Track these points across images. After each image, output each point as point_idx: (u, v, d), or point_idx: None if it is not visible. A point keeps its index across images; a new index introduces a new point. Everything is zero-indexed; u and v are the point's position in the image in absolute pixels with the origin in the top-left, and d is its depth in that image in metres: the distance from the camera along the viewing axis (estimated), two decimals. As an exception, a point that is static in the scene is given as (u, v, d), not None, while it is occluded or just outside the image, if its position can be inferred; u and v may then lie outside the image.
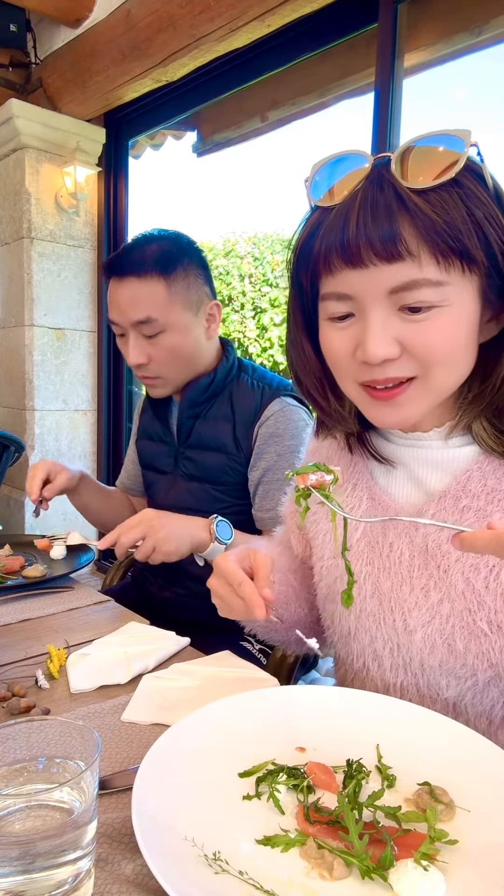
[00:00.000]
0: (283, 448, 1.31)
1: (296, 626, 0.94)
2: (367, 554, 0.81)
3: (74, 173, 3.07)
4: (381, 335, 0.67)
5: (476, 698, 0.74)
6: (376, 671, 0.81)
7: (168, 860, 0.49)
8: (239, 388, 1.39)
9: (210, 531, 1.17)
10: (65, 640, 1.00)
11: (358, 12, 2.12)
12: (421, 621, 0.75)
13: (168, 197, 12.71)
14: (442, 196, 0.62)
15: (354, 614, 0.82)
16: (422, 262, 0.63)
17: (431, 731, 0.68)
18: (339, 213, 0.66)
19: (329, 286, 0.69)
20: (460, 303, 0.66)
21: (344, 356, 0.72)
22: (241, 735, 0.68)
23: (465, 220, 0.62)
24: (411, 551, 0.77)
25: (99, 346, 3.41)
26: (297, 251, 0.72)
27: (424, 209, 0.62)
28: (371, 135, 2.13)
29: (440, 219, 0.62)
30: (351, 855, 0.52)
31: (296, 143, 11.82)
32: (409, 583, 0.77)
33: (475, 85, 4.80)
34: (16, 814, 0.50)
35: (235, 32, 2.26)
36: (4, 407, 3.39)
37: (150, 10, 2.41)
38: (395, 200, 0.63)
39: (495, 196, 0.65)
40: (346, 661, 0.86)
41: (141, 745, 0.72)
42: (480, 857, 0.53)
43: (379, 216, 0.63)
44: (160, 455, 1.51)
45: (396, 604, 0.77)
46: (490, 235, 0.64)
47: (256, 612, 0.72)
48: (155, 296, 1.28)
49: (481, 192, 0.64)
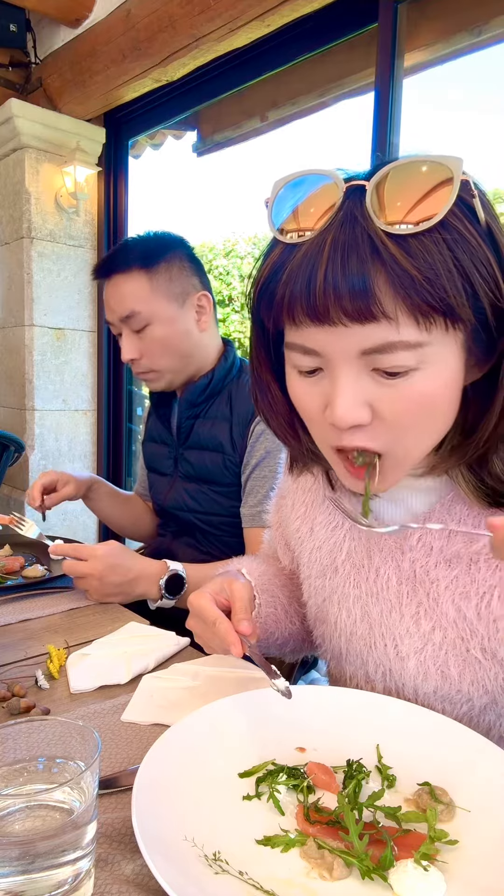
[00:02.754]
0: (271, 445, 1.30)
1: (289, 641, 0.93)
2: (353, 577, 0.79)
3: (74, 173, 3.07)
4: (350, 399, 0.59)
5: (472, 722, 0.73)
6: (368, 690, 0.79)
7: (168, 860, 0.49)
8: (238, 389, 1.39)
9: (159, 587, 1.17)
10: (65, 640, 1.00)
11: (358, 12, 2.12)
12: (413, 648, 0.73)
13: (168, 197, 12.71)
14: (424, 243, 0.53)
15: (345, 637, 0.80)
16: (399, 324, 0.55)
17: (431, 731, 0.68)
18: (305, 256, 0.57)
19: (294, 337, 0.61)
20: (443, 361, 0.58)
21: (314, 413, 0.64)
22: (241, 735, 0.68)
23: (450, 271, 0.53)
24: (398, 577, 0.74)
25: (99, 346, 3.41)
26: (258, 290, 0.63)
27: (403, 263, 0.53)
28: (371, 135, 2.13)
29: (420, 274, 0.53)
30: (351, 855, 0.52)
31: (296, 143, 11.82)
32: (399, 610, 0.74)
33: (475, 85, 4.80)
34: (16, 814, 0.50)
35: (235, 32, 2.26)
36: (4, 407, 3.39)
37: (149, 10, 2.41)
38: (369, 248, 0.54)
39: (487, 234, 0.56)
40: (340, 681, 0.85)
41: (141, 745, 0.72)
42: (480, 857, 0.53)
43: (350, 267, 0.54)
44: (161, 456, 1.51)
45: (387, 629, 0.75)
46: (477, 286, 0.55)
47: (232, 650, 0.68)
48: (138, 290, 1.31)
49: (471, 233, 0.55)
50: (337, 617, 0.80)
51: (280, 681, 0.66)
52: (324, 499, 0.83)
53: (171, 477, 1.47)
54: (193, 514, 1.42)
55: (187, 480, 1.42)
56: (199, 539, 1.43)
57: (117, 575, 1.13)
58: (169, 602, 1.18)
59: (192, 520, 1.42)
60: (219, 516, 1.39)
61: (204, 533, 1.42)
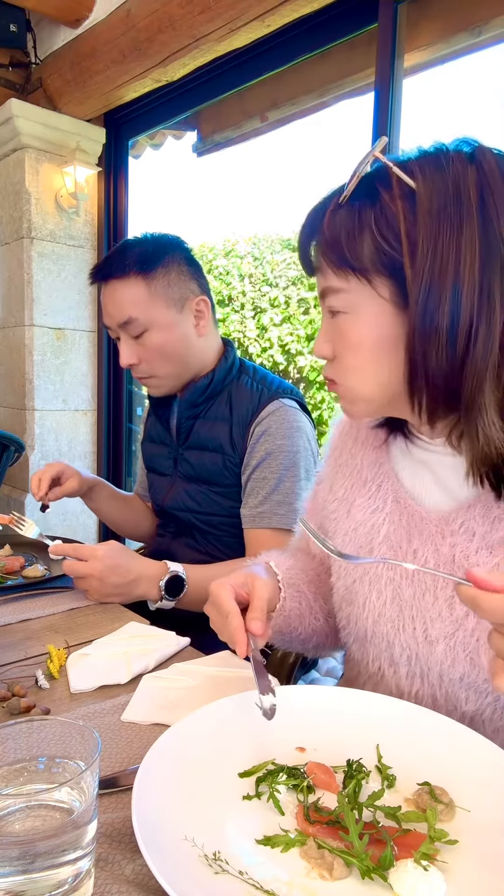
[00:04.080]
0: (272, 446, 1.30)
1: (312, 637, 0.93)
2: (388, 557, 0.79)
3: (74, 173, 3.07)
4: (321, 336, 0.77)
5: (496, 714, 0.72)
6: (391, 677, 0.80)
7: (168, 860, 0.49)
8: (238, 389, 1.39)
9: (159, 588, 1.17)
10: (65, 640, 1.00)
11: (358, 12, 2.12)
12: (444, 633, 0.73)
13: (168, 197, 12.71)
14: (341, 213, 0.70)
15: (372, 618, 0.80)
16: (326, 274, 0.73)
17: (431, 730, 0.68)
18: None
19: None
20: (367, 309, 0.71)
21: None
22: (241, 735, 0.68)
23: (350, 233, 0.69)
24: (436, 560, 0.75)
25: (99, 346, 3.41)
26: None
27: (325, 229, 0.72)
28: (371, 135, 2.13)
29: (331, 236, 0.71)
30: (351, 855, 0.52)
31: (296, 143, 11.81)
32: (434, 592, 0.75)
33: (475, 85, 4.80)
34: (16, 814, 0.50)
35: (235, 32, 2.26)
36: (4, 407, 3.39)
37: (150, 11, 2.41)
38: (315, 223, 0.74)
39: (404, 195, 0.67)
40: (361, 664, 0.85)
41: (141, 745, 0.72)
42: (480, 857, 0.53)
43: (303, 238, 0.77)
44: (161, 457, 1.51)
45: (418, 612, 0.76)
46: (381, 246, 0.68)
47: (238, 648, 0.70)
48: (135, 296, 1.29)
49: (384, 194, 0.68)
50: (366, 598, 0.81)
51: (268, 698, 0.66)
52: (365, 482, 0.86)
53: (171, 477, 1.47)
54: (193, 514, 1.42)
55: (187, 481, 1.42)
56: (199, 539, 1.43)
57: (117, 576, 1.13)
58: (169, 603, 1.18)
59: (192, 520, 1.42)
60: (218, 517, 1.39)
61: (203, 533, 1.42)
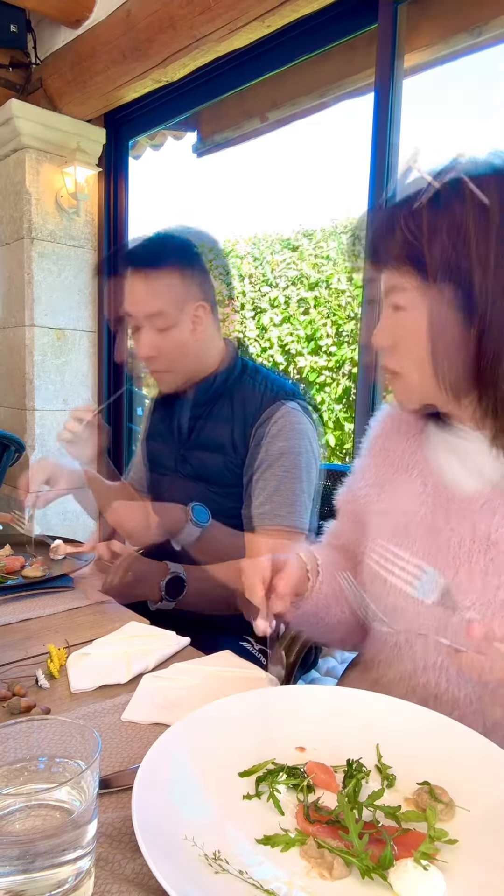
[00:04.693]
0: (275, 449, 1.29)
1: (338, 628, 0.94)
2: (424, 538, 0.82)
3: (75, 173, 3.07)
4: (380, 328, 0.81)
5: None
6: (419, 647, 0.81)
7: (168, 860, 0.49)
8: (242, 390, 1.38)
9: (159, 588, 1.17)
10: (65, 640, 1.00)
11: (358, 13, 2.12)
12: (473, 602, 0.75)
13: (168, 197, 12.70)
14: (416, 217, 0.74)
15: (403, 592, 0.81)
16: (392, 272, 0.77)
17: (431, 730, 0.68)
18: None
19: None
20: (426, 307, 0.75)
21: None
22: (241, 735, 0.68)
23: (426, 238, 0.72)
24: (472, 536, 0.78)
25: (99, 347, 3.41)
26: None
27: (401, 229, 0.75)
28: (371, 135, 2.13)
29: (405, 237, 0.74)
30: (351, 854, 0.52)
31: (296, 143, 11.81)
32: (468, 566, 0.77)
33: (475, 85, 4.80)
34: (16, 813, 0.50)
35: (235, 33, 2.26)
36: (4, 407, 3.39)
37: (150, 11, 2.41)
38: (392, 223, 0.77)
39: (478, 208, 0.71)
40: (380, 638, 0.87)
41: (141, 745, 0.72)
42: (480, 857, 0.53)
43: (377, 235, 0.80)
44: (163, 455, 1.51)
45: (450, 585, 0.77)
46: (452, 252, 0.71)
47: (258, 623, 0.76)
48: (171, 289, 1.27)
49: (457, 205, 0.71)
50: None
51: (276, 668, 0.68)
52: (406, 468, 0.90)
53: (172, 476, 1.47)
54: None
55: (189, 480, 1.42)
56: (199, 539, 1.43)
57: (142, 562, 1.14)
58: (169, 604, 1.18)
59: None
60: (218, 517, 1.39)
61: (203, 533, 1.42)
